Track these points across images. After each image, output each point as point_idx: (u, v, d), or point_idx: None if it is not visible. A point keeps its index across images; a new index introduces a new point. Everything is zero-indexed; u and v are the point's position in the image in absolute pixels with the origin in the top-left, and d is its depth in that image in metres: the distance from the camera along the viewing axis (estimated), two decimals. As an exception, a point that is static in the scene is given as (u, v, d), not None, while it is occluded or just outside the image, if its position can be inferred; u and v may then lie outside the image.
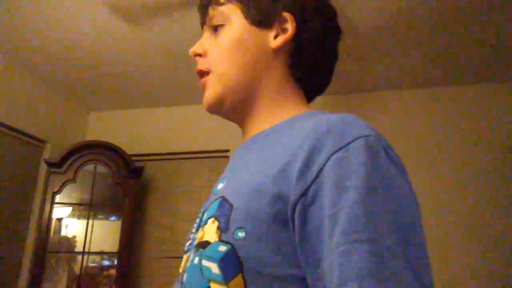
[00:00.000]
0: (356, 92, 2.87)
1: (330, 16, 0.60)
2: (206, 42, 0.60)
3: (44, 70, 2.64)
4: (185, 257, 0.53)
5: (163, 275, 2.87)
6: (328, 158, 0.41)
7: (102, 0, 1.93)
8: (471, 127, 2.63)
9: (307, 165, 0.42)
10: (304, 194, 0.41)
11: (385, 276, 0.36)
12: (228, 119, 0.62)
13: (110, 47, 2.34)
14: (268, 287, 0.41)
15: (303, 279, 0.41)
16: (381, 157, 0.42)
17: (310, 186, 0.41)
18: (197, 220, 0.54)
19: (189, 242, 0.54)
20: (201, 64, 0.60)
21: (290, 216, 0.42)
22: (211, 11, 0.59)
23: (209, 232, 0.46)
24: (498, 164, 2.52)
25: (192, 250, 0.49)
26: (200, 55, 0.60)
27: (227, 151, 2.99)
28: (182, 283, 0.49)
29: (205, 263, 0.44)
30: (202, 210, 0.55)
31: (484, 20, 2.00)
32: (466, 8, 1.92)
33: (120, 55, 2.44)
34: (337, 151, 0.41)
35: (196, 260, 0.45)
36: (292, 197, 0.42)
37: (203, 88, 0.60)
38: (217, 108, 0.59)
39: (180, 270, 0.53)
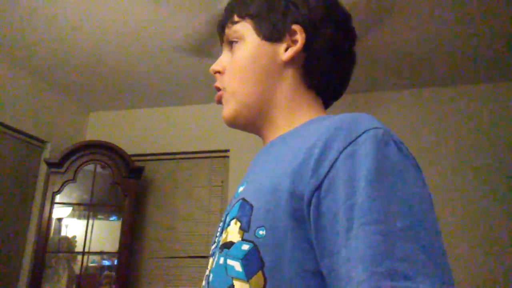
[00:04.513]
0: (356, 92, 2.87)
1: (341, 22, 0.61)
2: (224, 59, 0.64)
3: (44, 70, 2.64)
4: (210, 259, 0.56)
5: (163, 275, 2.88)
6: (339, 153, 0.42)
7: (102, 0, 1.93)
8: (471, 127, 2.64)
9: (319, 161, 0.43)
10: (317, 189, 0.42)
11: (397, 256, 0.35)
12: (248, 131, 0.65)
13: (110, 47, 2.34)
14: (288, 282, 0.42)
15: (322, 274, 0.42)
16: (390, 147, 0.42)
17: (323, 181, 0.42)
18: (221, 224, 0.56)
19: (214, 245, 0.57)
20: (219, 81, 0.64)
21: (306, 212, 0.43)
22: (227, 30, 0.63)
23: (232, 232, 0.48)
24: (498, 164, 2.52)
25: (217, 252, 0.51)
26: (219, 72, 0.64)
27: (227, 151, 2.99)
28: (208, 282, 0.52)
29: (229, 262, 0.46)
30: (225, 213, 0.57)
31: (485, 20, 2.01)
32: (467, 9, 1.92)
33: (120, 55, 2.44)
34: (347, 146, 0.43)
35: (221, 260, 0.48)
36: (307, 194, 0.43)
37: (218, 101, 0.65)
38: (234, 123, 0.63)
39: (207, 272, 0.55)
